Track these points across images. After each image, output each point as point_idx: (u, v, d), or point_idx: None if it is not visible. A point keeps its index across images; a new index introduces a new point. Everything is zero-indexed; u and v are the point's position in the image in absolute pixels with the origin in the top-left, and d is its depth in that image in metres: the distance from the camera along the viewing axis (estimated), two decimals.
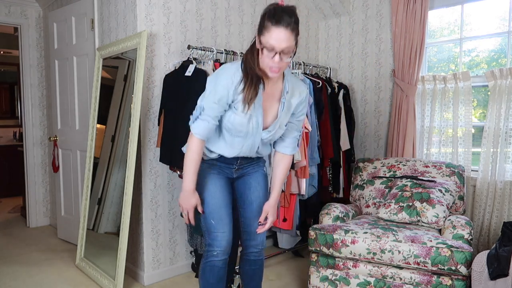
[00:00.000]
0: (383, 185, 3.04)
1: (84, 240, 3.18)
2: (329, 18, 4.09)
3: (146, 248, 2.89)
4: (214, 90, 1.77)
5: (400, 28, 3.46)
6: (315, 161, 3.22)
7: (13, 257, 3.44)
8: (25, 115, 4.30)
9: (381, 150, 3.80)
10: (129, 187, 2.67)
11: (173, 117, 2.69)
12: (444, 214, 2.58)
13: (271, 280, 2.97)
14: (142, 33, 2.65)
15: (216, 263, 1.97)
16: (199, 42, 3.09)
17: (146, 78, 2.83)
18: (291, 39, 1.64)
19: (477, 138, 3.25)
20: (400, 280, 2.36)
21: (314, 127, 3.23)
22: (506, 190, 2.98)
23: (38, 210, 4.40)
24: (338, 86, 3.62)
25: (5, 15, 4.12)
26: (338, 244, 2.46)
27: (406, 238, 2.34)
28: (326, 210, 2.81)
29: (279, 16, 1.61)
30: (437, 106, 3.35)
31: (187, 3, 3.02)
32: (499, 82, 2.98)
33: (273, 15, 1.62)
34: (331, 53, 4.13)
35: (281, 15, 1.61)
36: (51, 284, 2.90)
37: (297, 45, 1.70)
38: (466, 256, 2.20)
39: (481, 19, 3.26)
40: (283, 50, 1.64)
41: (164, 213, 2.97)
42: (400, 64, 3.47)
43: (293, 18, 1.63)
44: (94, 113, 3.19)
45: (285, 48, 1.64)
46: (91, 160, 3.21)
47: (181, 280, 2.97)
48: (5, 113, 6.51)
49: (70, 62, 3.61)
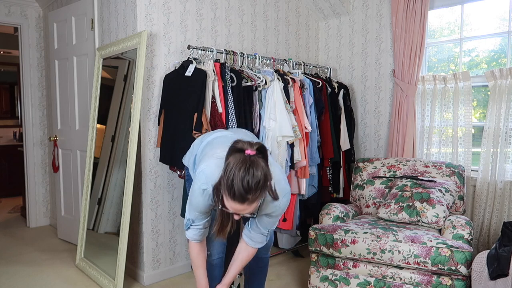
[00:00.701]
0: (383, 185, 3.04)
1: (84, 240, 3.18)
2: (329, 18, 4.09)
3: (146, 248, 2.89)
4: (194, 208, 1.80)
5: (400, 28, 3.45)
6: (315, 161, 3.22)
7: (13, 257, 3.44)
8: (25, 115, 4.30)
9: (381, 150, 3.80)
10: (129, 187, 2.67)
11: (173, 117, 2.69)
12: (444, 214, 2.58)
13: (271, 280, 2.97)
14: (142, 33, 2.65)
15: (209, 261, 2.02)
16: (199, 42, 3.09)
17: (146, 78, 2.83)
18: (253, 206, 1.56)
19: (477, 138, 3.25)
20: (400, 280, 2.36)
21: (314, 127, 3.24)
22: (506, 190, 2.98)
23: (38, 210, 4.40)
24: (338, 86, 3.62)
25: (5, 15, 4.12)
26: (338, 244, 2.46)
27: (406, 238, 2.34)
28: (326, 210, 2.81)
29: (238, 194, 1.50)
30: (437, 106, 3.35)
31: (187, 3, 3.02)
32: (499, 82, 2.98)
33: (232, 192, 1.50)
34: (331, 53, 4.13)
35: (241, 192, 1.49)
36: (51, 284, 2.90)
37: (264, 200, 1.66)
38: (466, 256, 2.20)
39: (481, 19, 3.26)
40: (245, 215, 1.61)
41: (164, 213, 2.97)
42: (400, 64, 3.47)
43: (256, 193, 1.51)
44: (94, 113, 3.19)
45: (247, 213, 1.60)
46: (91, 160, 3.21)
47: (181, 280, 2.97)
48: (5, 113, 6.51)
49: (70, 62, 3.61)
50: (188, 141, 2.56)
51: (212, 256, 2.13)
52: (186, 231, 1.90)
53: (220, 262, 2.17)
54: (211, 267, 2.13)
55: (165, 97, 2.78)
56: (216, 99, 2.68)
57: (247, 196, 1.50)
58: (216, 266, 2.16)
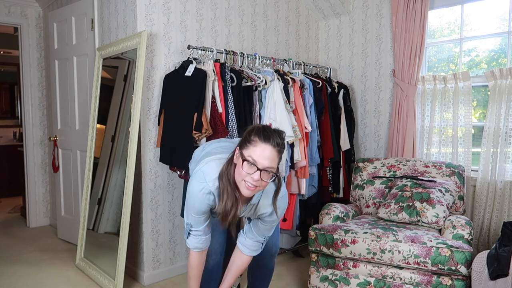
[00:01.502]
0: (383, 185, 3.04)
1: (84, 240, 3.18)
2: (329, 18, 4.09)
3: (146, 248, 2.89)
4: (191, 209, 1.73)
5: (400, 28, 3.45)
6: (315, 161, 3.23)
7: (13, 257, 3.44)
8: (25, 115, 4.30)
9: (381, 150, 3.80)
10: (129, 187, 2.67)
11: (173, 117, 2.69)
12: (444, 214, 2.58)
13: (271, 280, 2.97)
14: (142, 33, 2.65)
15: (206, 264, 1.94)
16: (199, 42, 3.09)
17: (146, 78, 2.83)
18: (275, 161, 1.55)
19: (477, 138, 3.25)
20: (400, 280, 2.36)
21: (314, 127, 3.24)
22: (506, 190, 2.98)
23: (38, 210, 4.40)
24: (338, 86, 3.62)
25: (5, 15, 4.12)
26: (338, 244, 2.46)
27: (406, 238, 2.34)
28: (326, 210, 2.81)
29: (268, 133, 1.55)
30: (437, 106, 3.35)
31: (187, 3, 3.02)
32: (499, 82, 2.98)
33: (262, 131, 1.56)
34: (331, 53, 4.13)
35: (271, 133, 1.56)
36: (51, 284, 2.90)
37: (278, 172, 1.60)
38: (466, 256, 2.20)
39: (481, 19, 3.26)
40: (266, 168, 1.53)
41: (164, 213, 2.97)
42: (400, 64, 3.47)
43: (281, 140, 1.56)
44: (94, 113, 3.19)
45: (268, 168, 1.53)
46: (91, 160, 3.21)
47: (181, 280, 2.97)
48: (5, 113, 6.51)
49: (70, 62, 3.61)
50: (188, 141, 2.57)
51: (209, 257, 1.99)
52: (186, 239, 1.81)
53: (217, 266, 2.05)
54: (207, 271, 2.00)
55: (165, 97, 2.78)
56: (216, 99, 2.68)
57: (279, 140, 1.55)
58: (212, 270, 2.03)
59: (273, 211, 1.75)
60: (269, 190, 1.72)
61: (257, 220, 1.83)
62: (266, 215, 1.78)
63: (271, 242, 2.02)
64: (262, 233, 1.85)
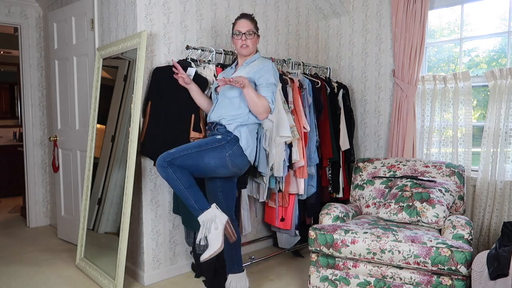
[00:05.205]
0: (383, 185, 3.04)
1: (84, 240, 3.18)
2: (329, 18, 4.09)
3: (146, 248, 2.89)
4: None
5: (400, 28, 3.46)
6: (313, 161, 3.22)
7: (13, 257, 3.44)
8: (25, 115, 4.30)
9: (381, 150, 3.80)
10: (129, 187, 2.67)
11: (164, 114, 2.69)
12: (444, 214, 2.58)
13: (271, 280, 2.97)
14: (142, 33, 2.65)
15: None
16: (199, 42, 3.09)
17: (146, 78, 2.82)
18: (251, 26, 2.40)
19: (477, 138, 3.25)
20: (400, 280, 2.36)
21: (313, 127, 3.24)
22: (506, 190, 2.98)
23: (38, 210, 4.40)
24: (337, 86, 3.62)
25: (5, 15, 4.12)
26: (338, 244, 2.46)
27: (406, 238, 2.34)
28: (326, 210, 2.81)
29: (241, 15, 2.46)
30: (437, 106, 3.35)
31: (187, 3, 3.02)
32: (499, 82, 2.98)
33: (238, 16, 2.47)
34: (331, 53, 4.13)
35: (242, 14, 2.46)
36: (51, 284, 2.90)
37: (258, 35, 2.46)
38: (466, 256, 2.20)
39: (481, 19, 3.26)
40: (246, 32, 2.38)
41: (164, 213, 2.97)
42: (400, 64, 3.47)
43: (251, 16, 2.44)
44: (94, 113, 3.19)
45: (247, 31, 2.38)
46: (91, 160, 3.21)
47: (181, 280, 2.97)
48: (5, 113, 6.51)
49: (70, 62, 3.62)
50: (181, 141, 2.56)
51: None
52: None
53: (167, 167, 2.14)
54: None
55: (153, 89, 2.75)
56: None
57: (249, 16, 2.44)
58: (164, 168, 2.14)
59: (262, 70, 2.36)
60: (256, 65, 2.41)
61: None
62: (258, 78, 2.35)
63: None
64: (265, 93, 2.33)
